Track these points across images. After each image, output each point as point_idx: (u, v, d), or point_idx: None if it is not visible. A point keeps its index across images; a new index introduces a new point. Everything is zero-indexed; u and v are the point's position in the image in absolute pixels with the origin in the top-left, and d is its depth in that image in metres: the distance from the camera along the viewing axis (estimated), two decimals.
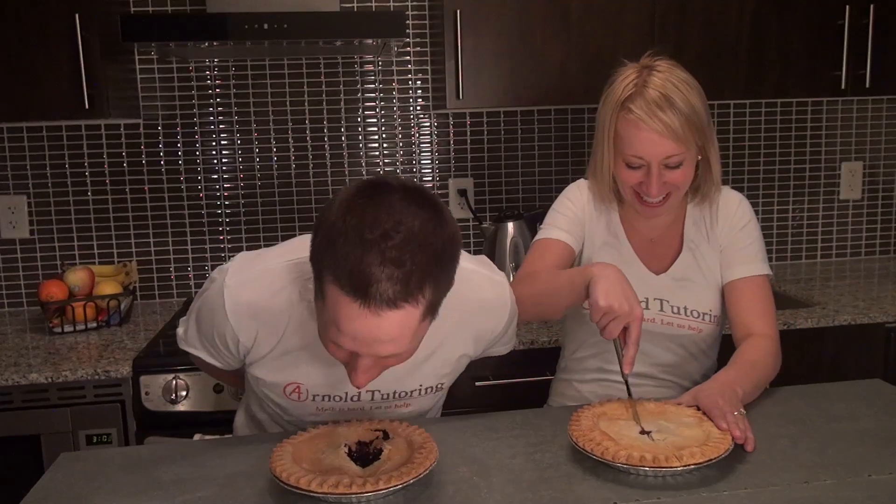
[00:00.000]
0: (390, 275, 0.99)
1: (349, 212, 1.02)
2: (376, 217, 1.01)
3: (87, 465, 1.26)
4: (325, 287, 1.04)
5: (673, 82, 1.45)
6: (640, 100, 1.45)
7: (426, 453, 1.15)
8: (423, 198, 1.06)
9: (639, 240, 1.63)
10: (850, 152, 2.91)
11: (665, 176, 1.47)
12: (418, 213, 1.02)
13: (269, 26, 2.10)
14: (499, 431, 1.34)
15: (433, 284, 1.04)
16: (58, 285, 2.25)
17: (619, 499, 1.09)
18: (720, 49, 2.40)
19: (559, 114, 2.74)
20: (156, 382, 1.98)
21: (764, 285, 1.55)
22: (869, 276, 2.69)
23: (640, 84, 1.47)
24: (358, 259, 0.99)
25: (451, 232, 1.07)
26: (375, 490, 1.07)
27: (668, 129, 1.42)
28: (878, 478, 1.12)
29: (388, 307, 1.01)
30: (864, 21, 2.41)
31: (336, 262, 1.01)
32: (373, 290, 0.99)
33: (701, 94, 1.48)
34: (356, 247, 1.00)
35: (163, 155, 2.60)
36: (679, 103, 1.44)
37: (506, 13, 2.32)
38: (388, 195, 1.03)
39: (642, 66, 1.51)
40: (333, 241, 1.02)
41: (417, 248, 1.01)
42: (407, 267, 1.00)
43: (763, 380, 1.44)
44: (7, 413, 1.94)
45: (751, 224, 1.59)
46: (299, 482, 1.08)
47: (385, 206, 1.02)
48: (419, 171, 2.71)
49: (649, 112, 1.43)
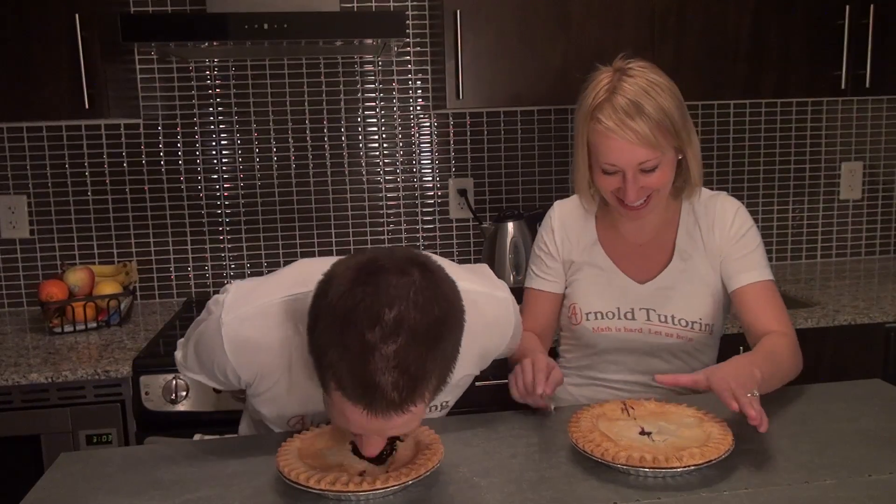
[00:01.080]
0: (395, 382, 0.97)
1: (349, 306, 0.98)
2: (376, 312, 0.97)
3: (87, 465, 1.26)
4: (329, 387, 1.02)
5: (642, 87, 1.43)
6: (609, 108, 1.43)
7: (430, 454, 1.15)
8: (420, 270, 1.02)
9: (623, 248, 1.62)
10: (850, 152, 2.91)
11: (641, 180, 1.46)
12: (416, 299, 0.99)
13: (269, 26, 2.10)
14: (499, 431, 1.34)
15: (438, 372, 1.02)
16: (58, 285, 2.25)
17: (619, 499, 1.09)
18: (720, 49, 2.40)
19: (559, 114, 2.74)
20: (156, 382, 1.98)
21: (772, 289, 1.54)
22: (869, 276, 2.69)
23: (610, 90, 1.45)
24: (361, 368, 0.97)
25: (451, 299, 1.04)
26: (373, 489, 1.07)
27: (639, 137, 1.41)
28: (878, 478, 1.12)
29: (395, 412, 1.00)
30: (864, 21, 2.41)
31: (340, 367, 0.99)
32: (379, 400, 0.98)
33: (674, 94, 1.46)
34: (358, 354, 0.97)
35: (163, 155, 2.60)
36: (649, 109, 1.41)
37: (506, 13, 2.32)
38: (385, 279, 0.99)
39: (615, 70, 1.49)
40: (335, 341, 0.99)
41: (419, 345, 0.98)
42: (412, 371, 0.98)
43: (784, 370, 1.43)
44: (7, 413, 1.93)
45: (751, 231, 1.57)
46: (299, 478, 1.09)
47: (383, 295, 0.98)
48: (419, 171, 2.71)
49: (618, 121, 1.42)
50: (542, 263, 1.67)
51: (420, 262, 1.05)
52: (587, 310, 1.61)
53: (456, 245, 2.75)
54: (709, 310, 1.57)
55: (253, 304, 1.20)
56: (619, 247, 1.62)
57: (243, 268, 2.67)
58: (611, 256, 1.61)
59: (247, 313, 1.19)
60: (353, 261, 1.04)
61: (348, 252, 2.73)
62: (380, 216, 2.71)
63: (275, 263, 2.67)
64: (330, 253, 2.69)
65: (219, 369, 1.24)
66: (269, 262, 2.67)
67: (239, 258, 2.67)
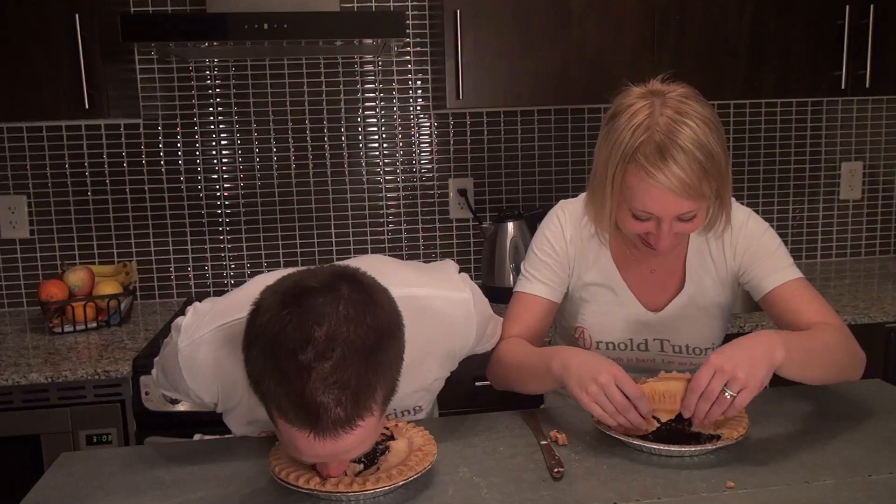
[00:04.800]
0: (338, 399, 0.94)
1: (277, 330, 0.96)
2: (306, 333, 0.94)
3: (87, 465, 1.26)
4: (272, 415, 1.00)
5: (691, 125, 1.25)
6: (655, 152, 1.25)
7: (423, 455, 1.15)
8: (347, 285, 1.00)
9: (636, 274, 1.50)
10: (850, 152, 2.91)
11: (677, 227, 1.33)
12: (347, 313, 0.96)
13: (269, 26, 2.10)
14: (499, 431, 1.34)
15: (384, 379, 1.00)
16: (58, 285, 2.25)
17: (619, 499, 1.09)
18: (720, 49, 2.40)
19: (559, 114, 2.74)
20: None
21: (806, 286, 1.44)
22: (869, 276, 2.69)
23: (654, 127, 1.26)
24: (299, 391, 0.94)
25: (385, 308, 1.02)
26: (363, 490, 1.07)
27: (685, 187, 1.25)
28: (878, 478, 1.12)
29: (344, 430, 0.96)
30: (864, 21, 2.41)
31: (278, 393, 0.96)
32: (323, 420, 0.95)
33: (720, 131, 1.30)
34: (294, 377, 0.94)
35: (163, 155, 2.60)
36: (698, 154, 1.24)
37: (505, 13, 2.32)
38: (310, 299, 0.97)
39: (652, 95, 1.30)
40: (269, 369, 0.96)
41: (356, 356, 0.95)
42: (352, 385, 0.95)
43: (837, 358, 1.32)
44: (7, 413, 1.93)
45: (768, 234, 1.47)
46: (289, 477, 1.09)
47: (310, 314, 0.95)
48: (419, 171, 2.71)
49: (664, 167, 1.24)
50: (544, 268, 1.51)
51: (347, 275, 1.03)
52: (598, 338, 1.52)
53: (456, 245, 2.75)
54: (718, 332, 1.52)
55: (205, 328, 1.19)
56: (633, 269, 1.50)
57: (243, 268, 2.67)
58: (626, 280, 1.49)
59: (201, 338, 1.18)
60: (278, 286, 1.02)
61: (348, 252, 2.75)
62: (380, 216, 2.71)
63: (275, 264, 2.67)
64: (329, 253, 2.69)
65: (183, 391, 1.25)
66: (268, 261, 2.67)
67: (239, 258, 2.67)
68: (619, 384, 1.21)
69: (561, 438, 1.27)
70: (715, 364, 1.17)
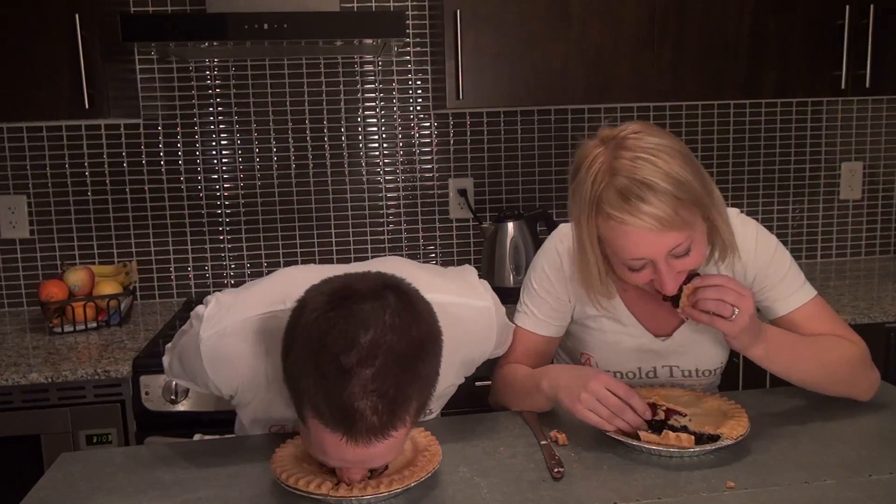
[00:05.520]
0: (374, 407, 0.95)
1: (324, 331, 0.96)
2: (351, 337, 0.95)
3: (87, 465, 1.26)
4: (305, 415, 1.00)
5: (647, 158, 1.19)
6: (615, 196, 1.20)
7: (429, 456, 1.15)
8: (395, 295, 1.00)
9: (641, 302, 1.45)
10: (850, 152, 2.91)
11: (677, 266, 1.25)
12: (393, 323, 0.97)
13: (269, 26, 2.10)
14: (499, 431, 1.34)
15: (418, 394, 1.00)
16: (58, 285, 2.25)
17: (619, 499, 1.09)
18: (720, 49, 2.40)
19: (559, 114, 2.74)
20: (156, 382, 1.98)
21: (820, 305, 1.42)
22: (869, 276, 2.69)
23: (609, 172, 1.21)
24: (338, 394, 0.94)
25: (427, 321, 1.03)
26: (376, 493, 1.07)
27: (660, 221, 1.18)
28: (878, 478, 1.12)
29: (376, 438, 0.97)
30: (864, 21, 2.41)
31: (316, 394, 0.96)
32: (359, 426, 0.95)
33: (684, 154, 1.23)
34: (335, 380, 0.95)
35: (163, 155, 2.60)
36: (662, 185, 1.18)
37: (506, 13, 2.32)
38: (359, 304, 0.98)
39: (604, 142, 1.26)
40: (311, 368, 0.96)
41: (397, 367, 0.96)
42: (391, 394, 0.96)
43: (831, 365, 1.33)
44: (7, 413, 1.93)
45: (778, 252, 1.41)
46: (298, 483, 1.09)
47: (358, 319, 0.96)
48: (419, 171, 2.71)
49: (631, 209, 1.18)
50: (544, 305, 1.46)
51: (394, 285, 1.03)
52: (606, 367, 1.48)
53: (456, 245, 2.75)
54: (726, 350, 1.47)
55: (231, 319, 1.19)
56: (638, 297, 1.45)
57: (243, 268, 2.67)
58: (631, 308, 1.44)
59: (225, 329, 1.18)
60: (325, 286, 1.02)
61: (348, 253, 2.75)
62: (380, 216, 2.71)
63: (275, 263, 2.67)
64: (330, 253, 2.69)
65: (200, 381, 1.25)
66: (269, 262, 2.67)
67: (239, 258, 2.67)
68: (610, 388, 1.23)
69: (561, 438, 1.27)
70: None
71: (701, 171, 1.25)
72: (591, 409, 1.23)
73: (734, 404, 1.31)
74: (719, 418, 1.27)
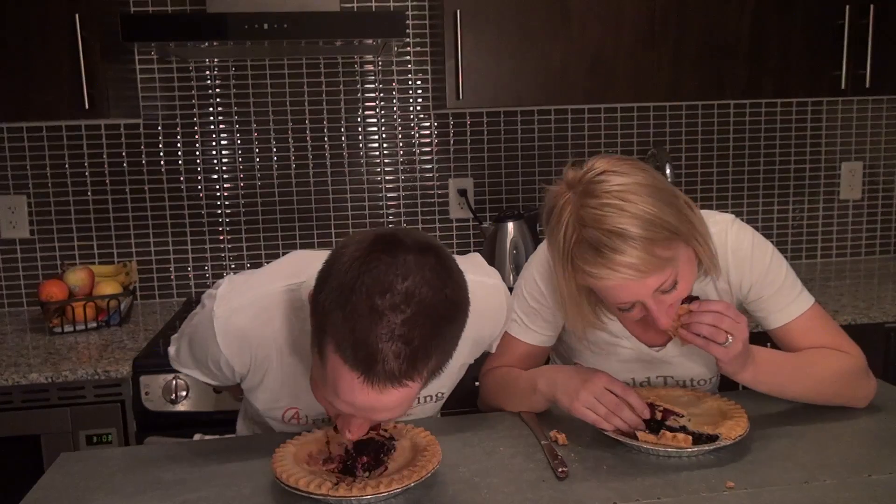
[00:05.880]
0: (398, 352, 0.95)
1: (361, 271, 0.97)
2: (389, 282, 0.96)
3: (87, 465, 1.26)
4: (326, 351, 1.00)
5: (614, 204, 1.15)
6: (588, 250, 1.16)
7: (429, 456, 1.15)
8: (436, 256, 1.01)
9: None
10: (850, 152, 2.91)
11: (667, 300, 1.23)
12: (431, 279, 0.98)
13: (269, 26, 2.10)
14: (499, 431, 1.34)
15: (438, 354, 1.01)
16: (58, 285, 2.25)
17: (619, 499, 1.09)
18: (720, 49, 2.40)
19: (559, 114, 2.74)
20: (156, 382, 1.98)
21: (818, 315, 1.40)
22: (869, 276, 2.69)
23: (578, 223, 1.17)
24: (366, 331, 0.95)
25: (462, 288, 1.04)
26: (376, 493, 1.07)
27: (638, 270, 1.15)
28: (878, 478, 1.12)
29: (392, 384, 0.97)
30: (864, 21, 2.41)
31: (342, 329, 0.96)
32: (378, 367, 0.96)
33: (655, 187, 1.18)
34: (365, 316, 0.95)
35: (163, 155, 2.60)
36: (633, 230, 1.13)
37: (506, 13, 2.32)
38: (402, 253, 0.98)
39: (570, 188, 1.21)
40: (342, 303, 0.97)
41: (427, 319, 0.97)
42: (415, 343, 0.96)
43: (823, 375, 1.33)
44: (7, 413, 1.93)
45: (774, 260, 1.38)
46: (298, 483, 1.09)
47: (398, 267, 0.97)
48: (419, 171, 2.71)
49: (606, 262, 1.15)
50: (535, 315, 1.44)
51: (437, 246, 1.04)
52: None
53: (456, 245, 2.75)
54: None
55: (245, 295, 1.20)
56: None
57: (243, 268, 2.67)
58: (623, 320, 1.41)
59: (240, 304, 1.19)
60: (371, 231, 1.04)
61: None
62: (380, 216, 2.71)
63: None
64: None
65: (212, 362, 1.24)
66: (269, 261, 2.66)
67: (239, 258, 2.67)
68: (608, 386, 1.24)
69: (561, 438, 1.27)
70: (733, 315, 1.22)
71: (675, 200, 1.20)
72: (589, 408, 1.24)
73: (734, 404, 1.31)
74: (719, 418, 1.27)
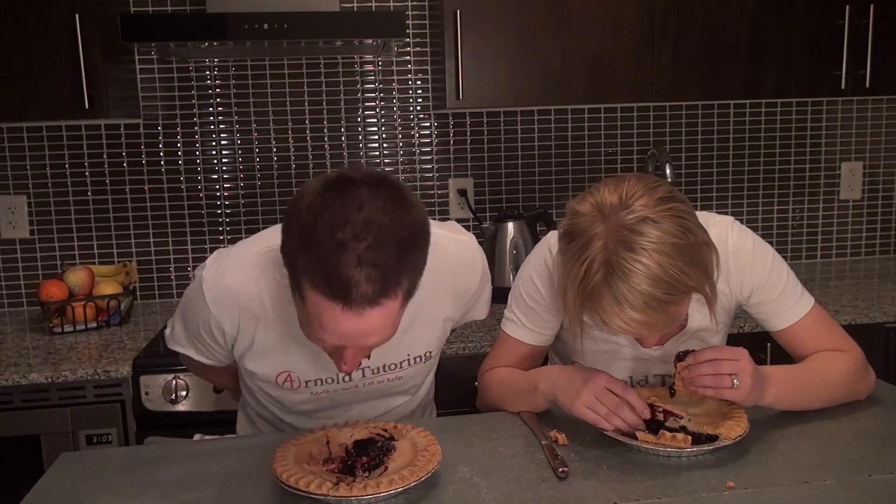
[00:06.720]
0: (368, 275, 1.02)
1: (319, 210, 1.03)
2: (346, 215, 1.02)
3: (87, 465, 1.26)
4: (304, 290, 1.06)
5: (645, 264, 1.09)
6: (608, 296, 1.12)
7: (429, 456, 1.15)
8: (388, 186, 1.08)
9: None
10: (850, 152, 2.91)
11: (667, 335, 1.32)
12: (386, 205, 1.04)
13: (269, 26, 2.10)
14: (499, 431, 1.34)
15: (409, 272, 1.07)
16: (58, 285, 2.25)
17: (619, 499, 1.09)
18: (720, 49, 2.40)
19: (559, 114, 2.74)
20: (156, 382, 1.98)
21: (819, 316, 1.41)
22: (869, 276, 2.69)
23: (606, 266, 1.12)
24: (334, 263, 1.01)
25: (419, 214, 1.10)
26: (376, 493, 1.07)
27: (648, 327, 1.15)
28: (878, 478, 1.12)
29: (370, 306, 1.04)
30: (864, 21, 2.41)
31: (313, 267, 1.03)
32: (353, 292, 1.02)
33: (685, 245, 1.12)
34: (330, 251, 1.01)
35: (163, 155, 2.60)
36: (658, 293, 1.11)
37: (506, 13, 2.32)
38: (354, 189, 1.05)
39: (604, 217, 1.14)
40: (307, 244, 1.03)
41: (390, 242, 1.03)
42: (383, 264, 1.02)
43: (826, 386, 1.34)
44: (7, 413, 1.94)
45: (775, 264, 1.39)
46: (298, 483, 1.09)
47: (353, 202, 1.03)
48: (419, 171, 2.71)
49: (621, 314, 1.12)
50: (532, 314, 1.44)
51: (388, 177, 1.10)
52: None
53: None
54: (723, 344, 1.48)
55: (231, 258, 1.29)
56: None
57: None
58: None
59: (226, 266, 1.28)
60: (322, 176, 1.10)
61: None
62: None
63: None
64: None
65: (204, 328, 1.30)
66: None
67: None
68: (609, 386, 1.25)
69: (561, 438, 1.27)
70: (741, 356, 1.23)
71: (698, 255, 1.15)
72: (589, 407, 1.24)
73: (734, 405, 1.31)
74: (718, 418, 1.27)
